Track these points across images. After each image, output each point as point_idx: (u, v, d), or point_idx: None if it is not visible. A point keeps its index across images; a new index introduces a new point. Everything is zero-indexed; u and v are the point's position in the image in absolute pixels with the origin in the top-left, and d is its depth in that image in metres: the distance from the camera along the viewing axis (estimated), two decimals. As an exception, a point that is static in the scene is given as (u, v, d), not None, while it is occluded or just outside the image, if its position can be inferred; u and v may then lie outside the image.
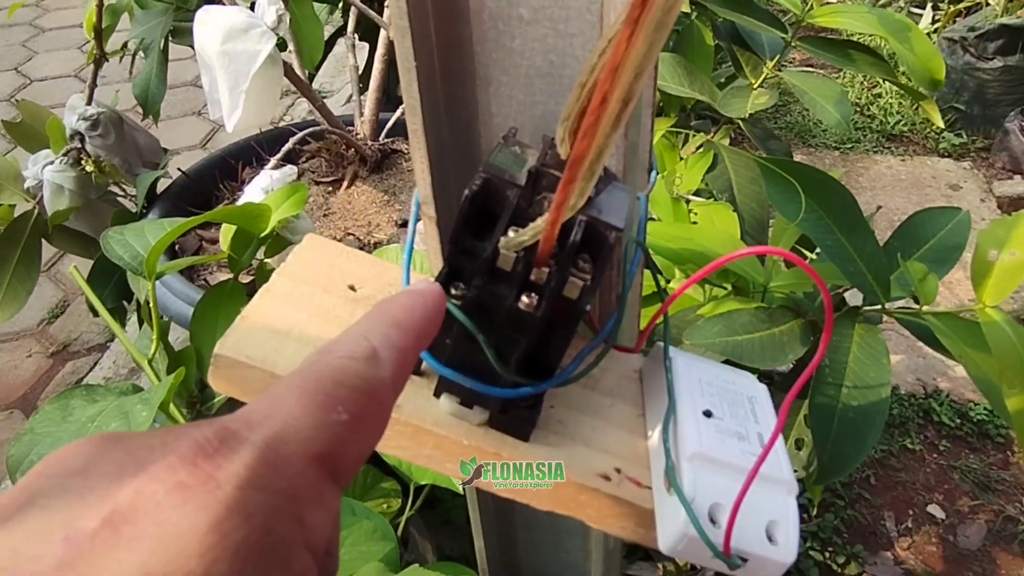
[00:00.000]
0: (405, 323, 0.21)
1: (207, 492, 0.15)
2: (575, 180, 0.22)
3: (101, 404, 0.67)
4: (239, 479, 0.15)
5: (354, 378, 0.19)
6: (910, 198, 2.13)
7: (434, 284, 0.24)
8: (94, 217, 1.13)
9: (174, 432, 0.16)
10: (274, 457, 0.16)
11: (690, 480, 0.27)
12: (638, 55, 0.18)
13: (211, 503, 0.15)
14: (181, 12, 1.17)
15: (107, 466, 0.16)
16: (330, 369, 0.19)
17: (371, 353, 0.20)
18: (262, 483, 0.16)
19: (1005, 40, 2.23)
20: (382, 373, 0.19)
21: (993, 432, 1.49)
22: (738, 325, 0.66)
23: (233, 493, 0.15)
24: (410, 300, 0.22)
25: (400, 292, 0.23)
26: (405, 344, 0.21)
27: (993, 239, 0.60)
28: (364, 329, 0.20)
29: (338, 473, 0.17)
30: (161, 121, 1.27)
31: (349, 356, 0.19)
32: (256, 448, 0.16)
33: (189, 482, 0.15)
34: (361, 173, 1.15)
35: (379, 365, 0.19)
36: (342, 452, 0.18)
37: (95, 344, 1.75)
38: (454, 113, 0.34)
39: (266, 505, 0.15)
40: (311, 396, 0.18)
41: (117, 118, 1.12)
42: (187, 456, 0.15)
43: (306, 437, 0.17)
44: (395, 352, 0.20)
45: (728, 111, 0.83)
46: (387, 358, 0.20)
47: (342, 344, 0.20)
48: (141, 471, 0.15)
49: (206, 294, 0.80)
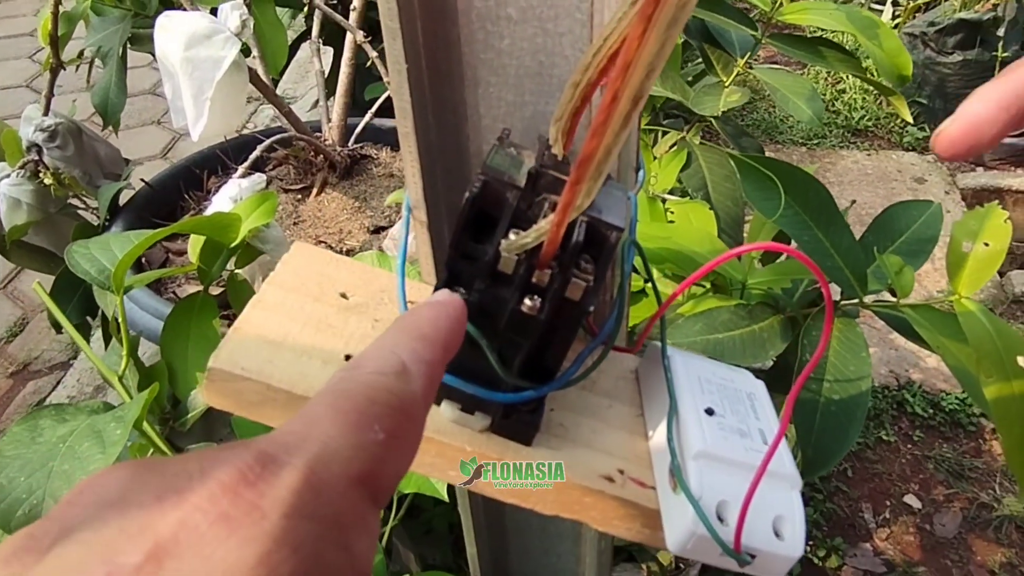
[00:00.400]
0: (431, 336, 0.21)
1: (253, 523, 0.14)
2: (583, 180, 0.21)
3: (72, 423, 0.65)
4: (285, 507, 0.14)
5: (387, 395, 0.18)
6: (877, 192, 2.17)
7: (454, 295, 0.23)
8: (54, 231, 1.10)
9: (210, 457, 0.15)
10: (317, 482, 0.15)
11: (696, 479, 0.27)
12: (651, 53, 0.18)
13: (258, 535, 0.14)
14: (140, 18, 1.14)
15: (144, 495, 0.15)
16: (362, 386, 0.18)
17: (401, 368, 0.19)
18: (308, 510, 0.15)
19: (964, 34, 2.29)
20: (413, 388, 0.19)
21: (965, 421, 1.52)
22: (718, 323, 0.66)
23: (279, 523, 0.14)
24: (434, 312, 0.22)
25: (421, 304, 0.23)
26: (433, 357, 0.20)
27: (966, 231, 0.60)
28: (391, 343, 0.20)
29: (378, 494, 0.17)
30: (120, 131, 1.24)
31: (379, 372, 0.19)
32: (298, 472, 0.15)
33: (233, 512, 0.14)
34: (331, 180, 1.13)
35: (410, 380, 0.19)
36: (381, 472, 0.17)
37: (57, 362, 1.71)
38: (442, 116, 0.33)
39: (314, 534, 0.15)
40: (346, 415, 0.17)
41: (76, 128, 1.09)
42: (228, 484, 0.15)
43: (346, 458, 0.16)
44: (424, 366, 0.20)
45: (701, 109, 0.83)
46: (417, 372, 0.19)
47: (370, 359, 0.19)
48: (182, 501, 0.14)
49: (176, 307, 0.79)
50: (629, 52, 0.18)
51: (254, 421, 0.28)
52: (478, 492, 0.29)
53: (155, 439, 0.71)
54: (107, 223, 1.09)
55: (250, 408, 0.28)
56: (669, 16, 0.17)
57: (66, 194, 1.10)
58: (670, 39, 0.18)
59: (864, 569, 1.30)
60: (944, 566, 1.31)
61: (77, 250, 0.77)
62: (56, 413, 0.68)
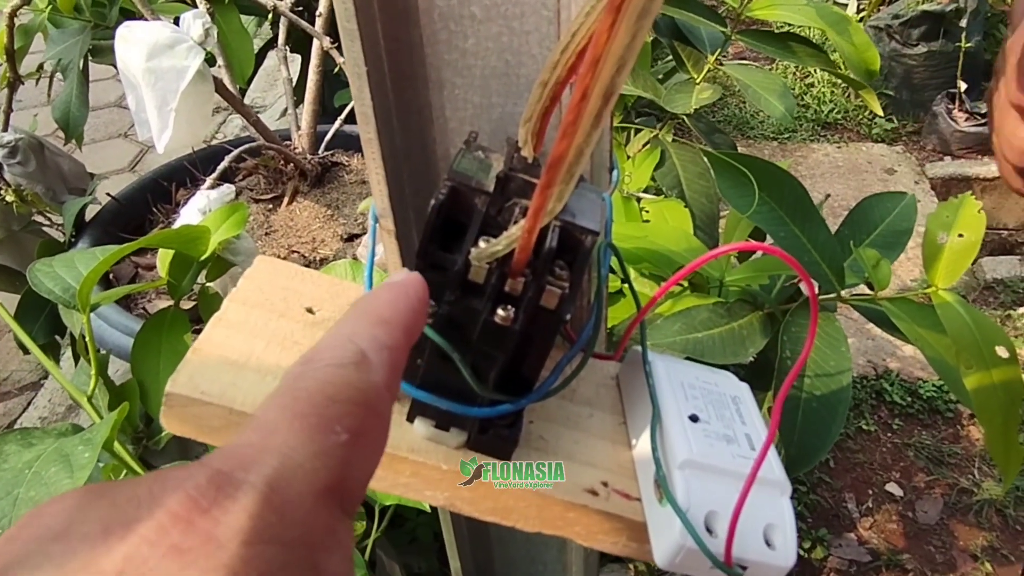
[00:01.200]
0: (391, 319, 0.19)
1: (208, 555, 0.13)
2: (554, 184, 0.20)
3: (38, 448, 0.63)
4: (244, 534, 0.13)
5: (347, 390, 0.16)
6: (848, 183, 2.19)
7: (413, 273, 0.22)
8: (18, 249, 1.07)
9: (161, 480, 0.14)
10: (279, 501, 0.14)
11: (683, 489, 0.26)
12: (621, 46, 0.17)
13: (214, 567, 0.13)
14: (100, 29, 1.12)
15: (90, 526, 0.13)
16: (319, 383, 0.16)
17: (360, 357, 0.18)
18: (270, 534, 0.13)
19: (927, 26, 2.32)
20: (375, 378, 0.17)
21: (942, 408, 1.54)
22: (697, 322, 0.66)
23: (238, 552, 0.13)
24: (392, 294, 0.20)
25: (379, 286, 0.21)
26: (395, 342, 0.19)
27: (940, 222, 0.60)
28: (348, 331, 0.18)
29: (347, 502, 0.16)
30: (85, 144, 1.22)
31: (337, 363, 0.17)
32: (257, 492, 0.14)
33: (186, 544, 0.13)
34: (302, 188, 1.12)
35: (371, 370, 0.17)
36: (348, 477, 0.16)
37: (27, 383, 1.67)
38: (407, 119, 0.32)
39: (279, 560, 0.13)
40: (304, 419, 0.16)
41: (37, 144, 1.07)
42: (179, 512, 0.13)
43: (309, 470, 0.15)
44: (386, 353, 0.18)
45: (673, 107, 0.83)
46: (378, 360, 0.18)
47: (326, 350, 0.18)
48: (129, 532, 0.13)
49: (146, 323, 0.77)
50: (598, 46, 0.17)
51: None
52: (458, 511, 0.28)
53: (128, 459, 0.69)
54: (73, 239, 1.07)
55: (212, 433, 0.27)
56: (639, 6, 0.16)
57: (29, 211, 1.08)
58: (641, 31, 0.17)
59: (849, 559, 1.30)
60: (928, 552, 1.31)
61: (40, 269, 0.75)
62: (22, 437, 0.66)
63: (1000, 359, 0.56)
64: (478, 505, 0.28)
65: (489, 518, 0.28)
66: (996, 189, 2.17)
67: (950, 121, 2.27)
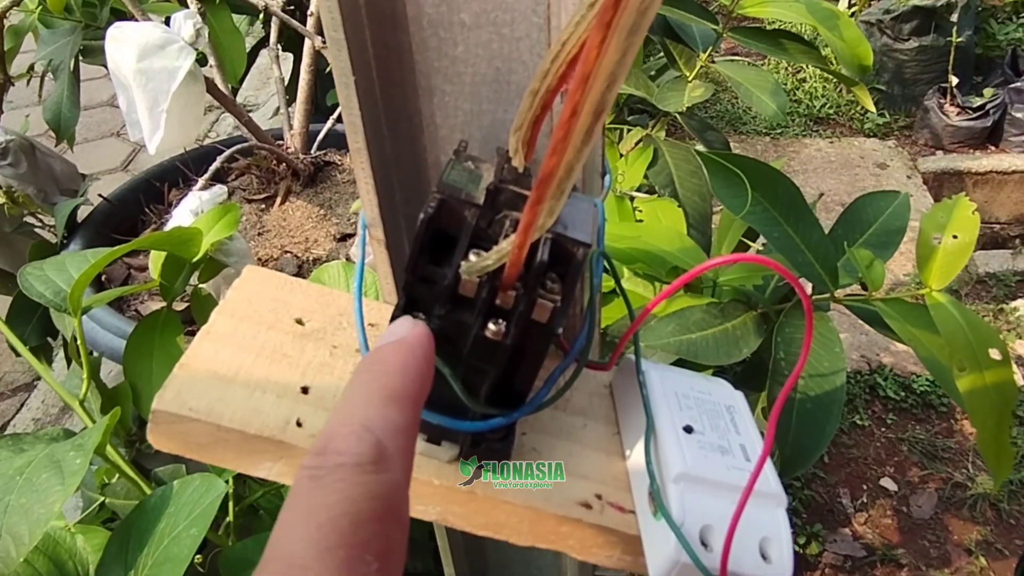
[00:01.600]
0: (403, 392, 0.18)
1: None
2: (544, 200, 0.20)
3: (29, 454, 0.63)
4: None
5: (372, 504, 0.15)
6: (841, 179, 2.19)
7: (418, 325, 0.21)
8: (10, 251, 1.06)
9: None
10: None
11: (678, 503, 0.26)
12: (612, 62, 0.17)
13: None
14: (91, 30, 1.11)
15: None
16: (341, 500, 0.15)
17: (378, 453, 0.16)
18: None
19: (919, 21, 2.32)
20: (396, 475, 0.16)
21: (936, 402, 1.54)
22: (691, 323, 0.65)
23: None
24: (401, 358, 0.19)
25: (386, 347, 0.20)
26: (408, 422, 0.18)
27: (935, 223, 0.60)
28: (361, 416, 0.17)
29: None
30: (77, 144, 1.21)
31: (354, 463, 0.16)
32: None
33: None
34: (294, 188, 1.11)
35: (391, 466, 0.16)
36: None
37: (20, 384, 1.66)
38: (396, 128, 0.32)
39: None
40: (333, 554, 0.14)
41: (28, 145, 1.06)
42: None
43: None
44: (401, 438, 0.17)
45: (665, 105, 0.82)
46: (395, 449, 0.16)
47: (340, 440, 0.16)
48: None
49: (139, 325, 0.76)
50: (588, 62, 0.17)
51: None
52: (450, 526, 0.28)
53: (121, 463, 0.69)
54: (65, 241, 1.06)
55: (199, 450, 0.26)
56: (630, 23, 0.16)
57: (21, 212, 1.07)
58: (632, 47, 0.17)
59: (844, 554, 1.30)
60: (922, 547, 1.32)
61: (31, 272, 0.74)
62: (13, 443, 0.65)
63: (993, 361, 0.56)
64: (471, 520, 0.28)
65: (482, 532, 0.28)
66: (988, 183, 2.17)
67: (942, 116, 2.27)
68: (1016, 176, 2.15)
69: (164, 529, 0.57)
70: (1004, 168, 2.16)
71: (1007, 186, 2.17)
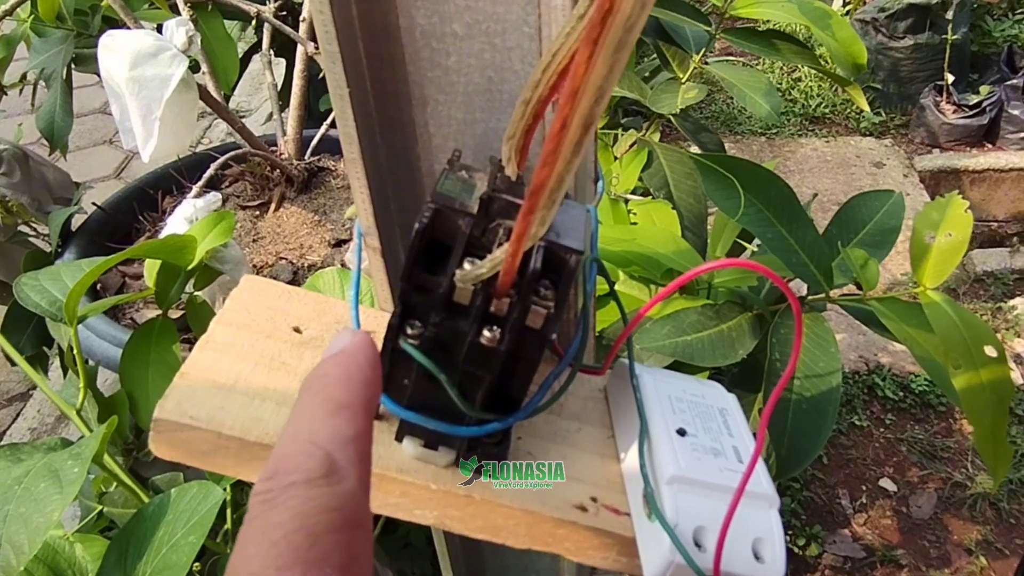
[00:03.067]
0: (348, 401, 0.18)
1: None
2: (535, 210, 0.20)
3: (27, 463, 0.63)
4: None
5: (326, 517, 0.15)
6: (837, 178, 2.19)
7: (358, 333, 0.20)
8: (4, 261, 1.07)
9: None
10: None
11: (671, 505, 0.26)
12: (599, 77, 0.17)
13: None
14: (83, 38, 1.11)
15: None
16: (294, 517, 0.15)
17: (328, 466, 0.16)
18: None
19: (914, 19, 2.32)
20: (349, 485, 0.16)
21: (935, 402, 1.54)
22: (686, 325, 0.66)
23: None
24: (343, 369, 0.19)
25: (326, 360, 0.19)
26: (358, 429, 0.17)
27: (928, 222, 0.61)
28: (308, 432, 0.17)
29: None
30: (71, 152, 1.21)
31: (305, 479, 0.16)
32: None
33: None
34: (288, 194, 1.11)
35: (343, 476, 0.16)
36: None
37: (16, 394, 1.66)
38: (391, 137, 0.32)
39: None
40: (290, 570, 0.14)
41: (21, 154, 1.06)
42: None
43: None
44: (352, 446, 0.17)
45: (659, 108, 0.83)
46: (346, 460, 0.16)
47: (289, 459, 0.16)
48: None
49: (135, 334, 0.76)
50: (577, 78, 0.17)
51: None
52: (448, 530, 0.28)
53: (118, 472, 0.69)
54: (59, 249, 1.06)
55: (200, 458, 0.26)
56: (616, 39, 0.16)
57: (15, 222, 1.07)
58: (619, 63, 0.17)
59: (844, 555, 1.31)
60: (922, 547, 1.32)
61: (26, 282, 0.74)
62: (11, 453, 0.65)
63: (988, 358, 0.56)
64: (468, 524, 0.28)
65: (479, 536, 0.28)
66: (985, 181, 2.18)
67: (938, 113, 2.28)
68: (1013, 174, 2.16)
69: (162, 537, 0.57)
70: (1001, 166, 2.16)
71: (1004, 184, 2.18)
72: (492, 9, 0.28)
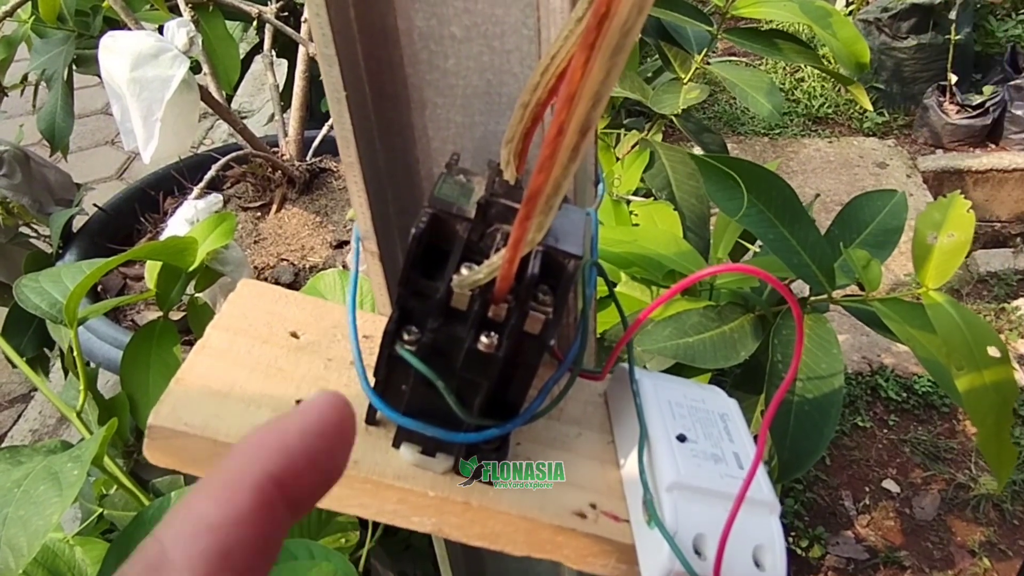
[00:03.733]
0: (246, 477, 0.16)
1: None
2: (532, 216, 0.20)
3: (27, 466, 0.62)
4: None
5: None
6: (840, 178, 2.19)
7: (329, 394, 0.18)
8: (5, 262, 1.06)
9: None
10: None
11: (671, 512, 0.26)
12: (596, 82, 0.17)
13: None
14: (84, 39, 1.11)
15: None
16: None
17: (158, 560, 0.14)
18: None
19: (917, 19, 2.32)
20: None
21: (938, 403, 1.54)
22: (688, 326, 0.65)
23: None
24: (273, 436, 0.17)
25: (256, 427, 0.17)
26: (237, 513, 0.15)
27: (930, 222, 0.60)
28: (171, 514, 0.15)
29: None
30: (72, 153, 1.21)
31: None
32: None
33: None
34: (290, 195, 1.11)
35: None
36: None
37: (17, 395, 1.66)
38: (389, 140, 0.32)
39: None
40: None
41: (23, 155, 1.06)
42: None
43: None
44: (209, 536, 0.15)
45: (661, 108, 0.83)
46: (185, 555, 0.14)
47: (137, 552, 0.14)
48: None
49: (135, 335, 0.76)
50: (573, 83, 0.17)
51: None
52: (446, 537, 0.28)
53: (118, 474, 0.69)
54: (60, 251, 1.06)
55: (195, 465, 0.26)
56: (613, 44, 0.16)
57: (16, 223, 1.07)
58: (615, 67, 0.17)
59: (847, 557, 1.30)
60: (925, 548, 1.32)
61: (27, 284, 0.74)
62: (10, 455, 0.65)
63: (992, 359, 0.56)
64: (466, 531, 0.28)
65: (477, 543, 0.28)
66: (988, 181, 2.18)
67: (941, 114, 2.27)
68: (1017, 174, 2.15)
69: (163, 540, 0.57)
70: (1004, 166, 2.16)
71: (1008, 184, 2.17)
72: (491, 12, 0.28)
